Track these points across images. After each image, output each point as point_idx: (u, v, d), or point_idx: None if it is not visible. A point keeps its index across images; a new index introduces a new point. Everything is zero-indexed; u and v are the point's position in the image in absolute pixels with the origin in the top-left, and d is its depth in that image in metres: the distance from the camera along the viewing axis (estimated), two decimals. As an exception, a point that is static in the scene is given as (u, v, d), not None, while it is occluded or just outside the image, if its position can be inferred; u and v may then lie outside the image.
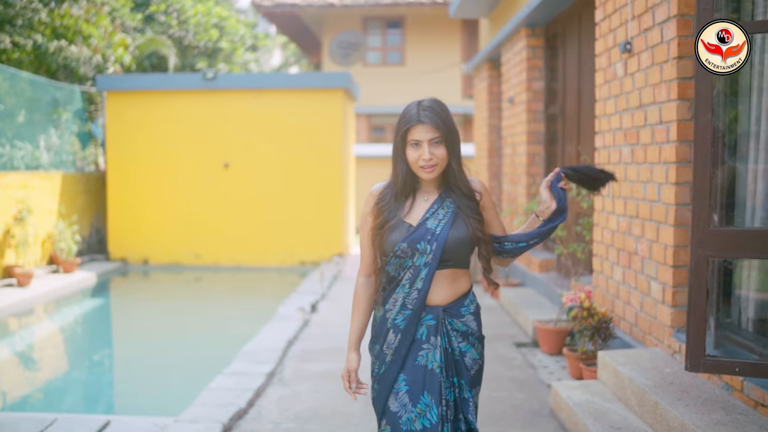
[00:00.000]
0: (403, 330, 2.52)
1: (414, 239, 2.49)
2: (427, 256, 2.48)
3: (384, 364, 2.56)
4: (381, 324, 2.60)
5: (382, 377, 2.56)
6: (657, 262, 4.64)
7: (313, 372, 5.56)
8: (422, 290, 2.50)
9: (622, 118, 5.25)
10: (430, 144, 2.47)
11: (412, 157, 2.49)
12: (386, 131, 24.17)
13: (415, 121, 2.47)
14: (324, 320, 7.45)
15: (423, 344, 2.52)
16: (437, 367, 2.49)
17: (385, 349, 2.56)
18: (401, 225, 2.53)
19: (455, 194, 2.55)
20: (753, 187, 4.03)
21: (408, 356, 2.52)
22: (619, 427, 3.81)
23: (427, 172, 2.50)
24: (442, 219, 2.51)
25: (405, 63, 23.00)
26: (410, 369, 2.51)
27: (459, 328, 2.55)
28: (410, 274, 2.51)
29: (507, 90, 9.85)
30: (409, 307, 2.51)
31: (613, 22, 5.38)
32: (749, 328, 4.07)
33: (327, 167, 11.78)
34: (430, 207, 2.54)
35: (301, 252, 11.86)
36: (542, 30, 8.59)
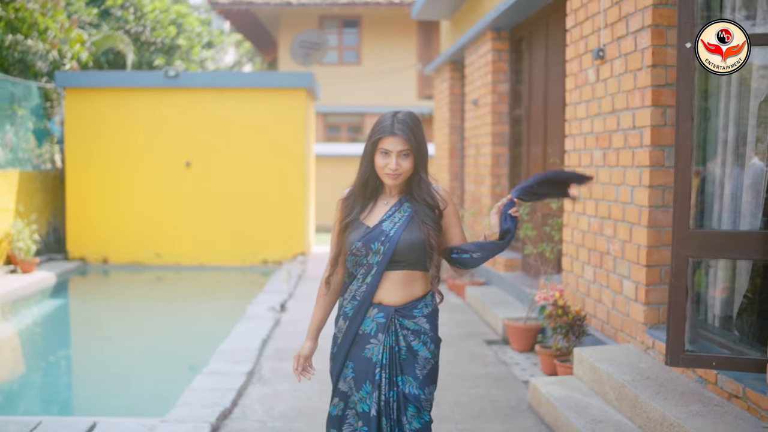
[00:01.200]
0: (351, 317, 2.74)
1: (369, 239, 2.68)
2: (379, 256, 2.67)
3: (336, 345, 2.79)
4: (338, 312, 2.85)
5: (335, 356, 2.81)
6: (630, 261, 4.82)
7: (290, 371, 5.60)
8: (370, 285, 2.70)
9: (594, 123, 5.43)
10: (398, 155, 2.64)
11: (380, 164, 2.67)
12: (341, 130, 24.22)
13: (388, 132, 2.64)
14: (294, 320, 7.49)
15: (371, 338, 2.70)
16: (377, 362, 2.66)
17: (337, 333, 2.80)
18: (360, 226, 2.73)
19: (416, 200, 2.71)
20: (720, 191, 4.22)
21: (355, 346, 2.72)
22: (600, 420, 3.97)
23: (391, 179, 2.68)
24: (398, 222, 2.69)
25: (361, 63, 23.08)
26: (357, 358, 2.72)
27: (410, 327, 2.70)
28: (364, 270, 2.72)
29: (471, 92, 10.02)
30: (357, 298, 2.73)
31: (584, 30, 5.56)
32: (716, 324, 4.27)
33: (289, 166, 11.80)
34: (389, 210, 2.73)
35: (264, 251, 11.85)
36: (507, 34, 8.77)
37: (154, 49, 14.81)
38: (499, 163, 9.02)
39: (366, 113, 23.50)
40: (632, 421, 3.89)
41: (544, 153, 7.64)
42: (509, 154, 8.98)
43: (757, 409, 3.44)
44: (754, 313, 4.61)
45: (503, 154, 9.00)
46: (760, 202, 3.93)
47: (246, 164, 11.68)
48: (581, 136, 5.68)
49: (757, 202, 3.92)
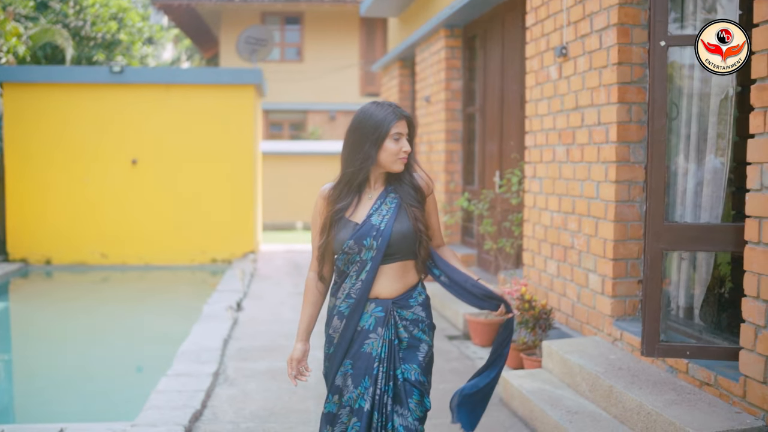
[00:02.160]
0: (347, 316, 2.71)
1: (360, 236, 2.66)
2: (373, 251, 2.66)
3: (332, 346, 2.75)
4: (331, 311, 2.79)
5: (331, 356, 2.77)
6: (596, 255, 4.91)
7: (256, 371, 5.54)
8: (365, 281, 2.68)
9: (556, 119, 5.51)
10: (404, 138, 2.69)
11: (394, 149, 2.65)
12: (284, 128, 24.04)
13: (398, 117, 2.66)
14: (252, 318, 7.41)
15: (370, 333, 2.69)
16: (377, 356, 2.65)
17: (331, 332, 2.75)
18: (347, 224, 2.70)
19: (401, 187, 2.72)
20: (683, 186, 4.33)
21: (354, 343, 2.70)
22: (575, 411, 4.03)
23: (402, 162, 2.68)
24: (386, 214, 2.68)
25: (303, 59, 22.96)
26: (356, 354, 2.69)
27: (408, 317, 2.71)
28: (357, 267, 2.69)
29: (422, 89, 10.06)
30: (352, 296, 2.70)
31: (546, 27, 5.64)
32: (680, 315, 4.40)
33: (239, 164, 11.64)
34: (374, 203, 2.71)
35: (213, 250, 11.67)
36: (461, 31, 8.84)
37: (94, 44, 14.41)
38: (453, 159, 9.09)
39: (308, 111, 23.39)
40: (607, 411, 3.97)
41: (500, 149, 7.73)
42: (462, 150, 9.05)
43: (729, 395, 3.55)
44: (717, 304, 4.76)
45: (457, 150, 9.07)
46: (720, 197, 4.06)
47: (194, 162, 11.47)
48: (543, 132, 5.77)
49: (717, 197, 4.05)
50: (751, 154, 3.37)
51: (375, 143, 2.65)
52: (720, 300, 4.75)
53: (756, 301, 3.34)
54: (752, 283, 3.37)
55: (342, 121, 23.52)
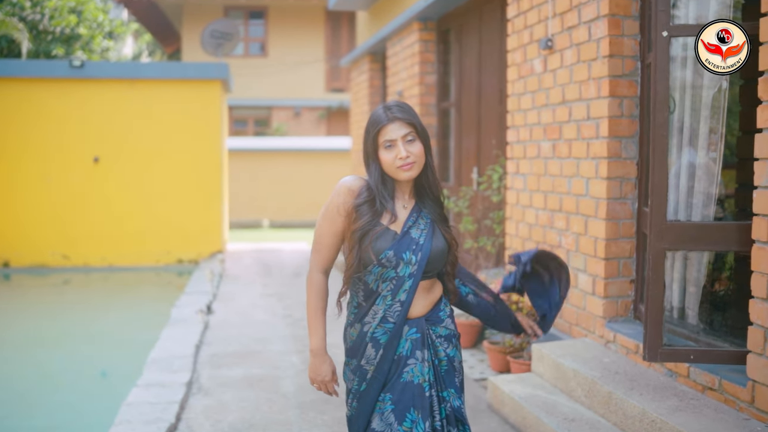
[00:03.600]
0: (385, 344, 2.39)
1: (400, 248, 2.38)
2: (412, 267, 2.38)
3: (364, 381, 2.42)
4: (359, 339, 2.45)
5: (362, 395, 2.42)
6: (585, 254, 4.76)
7: (231, 379, 5.28)
8: (405, 302, 2.39)
9: (541, 114, 5.34)
10: (404, 141, 2.36)
11: (388, 159, 2.36)
12: (248, 124, 23.68)
13: (386, 121, 2.36)
14: (223, 322, 7.13)
15: (408, 359, 2.40)
16: (424, 381, 2.38)
17: (364, 364, 2.41)
18: (386, 232, 2.39)
19: (427, 204, 2.46)
20: (676, 181, 4.19)
21: (391, 373, 2.40)
22: (572, 418, 3.86)
23: (405, 170, 2.36)
24: (424, 229, 2.43)
25: (268, 54, 22.62)
26: (396, 386, 2.38)
27: (442, 333, 2.47)
28: (392, 286, 2.39)
29: (394, 83, 9.85)
30: (390, 320, 2.39)
31: (529, 19, 5.47)
32: (674, 315, 4.25)
33: (205, 161, 11.32)
34: (410, 215, 2.44)
35: (179, 250, 11.33)
36: (434, 24, 8.64)
37: (53, 39, 13.89)
38: (427, 155, 8.88)
39: (273, 106, 23.07)
40: (606, 418, 3.81)
41: (477, 145, 7.56)
42: (437, 146, 8.86)
43: (735, 401, 3.41)
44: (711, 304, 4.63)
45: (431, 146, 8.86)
46: (713, 193, 3.93)
47: (159, 159, 11.12)
48: (526, 127, 5.60)
49: (709, 193, 3.91)
50: (758, 150, 3.23)
51: (373, 156, 2.40)
52: (714, 300, 4.63)
53: (765, 302, 3.20)
54: (761, 284, 3.22)
55: (307, 117, 23.24)
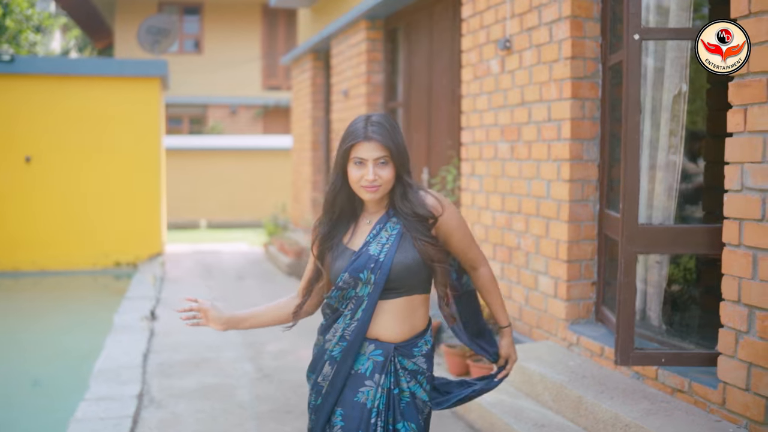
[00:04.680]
0: (339, 362, 2.32)
1: (356, 268, 2.27)
2: (370, 286, 2.27)
3: (320, 396, 2.37)
4: (319, 354, 2.40)
5: (318, 408, 2.37)
6: (547, 257, 4.74)
7: (184, 389, 5.09)
8: (361, 320, 2.29)
9: (498, 115, 5.31)
10: (375, 163, 2.24)
11: (354, 176, 2.26)
12: (183, 122, 23.15)
13: (362, 138, 2.24)
14: (169, 328, 6.89)
15: (366, 380, 2.30)
16: (373, 408, 2.28)
17: (320, 380, 2.37)
18: (344, 251, 2.32)
19: (404, 214, 2.31)
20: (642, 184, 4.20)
21: (346, 389, 2.32)
22: (542, 424, 3.83)
23: (369, 192, 2.26)
24: (386, 243, 2.29)
25: (203, 51, 22.15)
26: (348, 403, 2.30)
27: (408, 367, 2.33)
28: (352, 305, 2.30)
29: (339, 82, 9.73)
30: (347, 338, 2.31)
31: (485, 19, 5.42)
32: (636, 317, 4.27)
33: (143, 161, 10.98)
34: (372, 229, 2.32)
35: (116, 252, 10.95)
36: (382, 23, 8.56)
37: (-23, 32, 13.28)
38: (374, 156, 8.79)
39: (209, 104, 22.61)
40: (575, 423, 3.78)
41: (428, 145, 7.51)
42: (384, 146, 8.77)
43: (706, 403, 3.42)
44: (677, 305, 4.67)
45: (378, 146, 8.78)
46: (673, 196, 3.95)
47: (96, 159, 10.72)
48: (482, 128, 5.56)
49: (670, 195, 3.94)
50: (729, 154, 3.24)
51: (340, 166, 2.30)
52: (675, 301, 4.67)
53: (737, 305, 3.21)
54: (732, 287, 3.24)
55: (243, 116, 22.86)
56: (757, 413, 3.12)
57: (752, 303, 3.13)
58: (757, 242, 3.10)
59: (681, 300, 4.61)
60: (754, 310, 3.12)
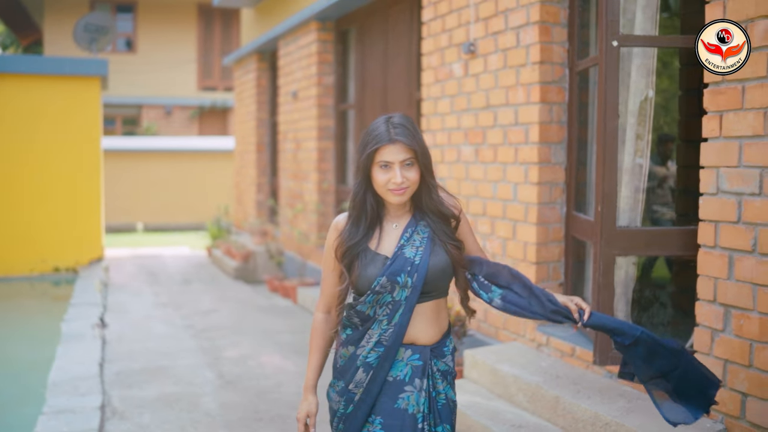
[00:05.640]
0: (375, 367, 2.28)
1: (393, 272, 2.25)
2: (407, 290, 2.26)
3: (351, 403, 2.32)
4: (349, 362, 2.34)
5: (348, 417, 2.32)
6: (514, 259, 4.79)
7: (146, 399, 4.95)
8: (400, 325, 2.27)
9: (461, 118, 5.35)
10: (401, 166, 2.23)
11: (381, 180, 2.24)
12: (116, 123, 22.56)
13: (386, 141, 2.22)
14: (122, 336, 6.70)
15: (405, 386, 2.28)
16: (418, 412, 2.27)
17: (352, 387, 2.32)
18: (375, 258, 2.29)
19: (429, 216, 2.34)
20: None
21: (383, 396, 2.29)
22: (519, 425, 3.87)
23: (396, 195, 2.25)
24: (420, 246, 2.29)
25: (137, 51, 21.64)
26: (388, 411, 2.27)
27: (441, 368, 2.35)
28: (389, 310, 2.28)
29: (288, 84, 9.64)
30: (383, 343, 2.28)
31: (448, 23, 5.45)
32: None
33: (82, 163, 10.63)
34: (403, 233, 2.31)
35: (55, 258, 10.56)
36: (333, 24, 8.51)
37: None
38: (325, 158, 8.76)
39: (143, 105, 22.10)
40: (553, 423, 3.83)
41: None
42: (335, 148, 8.75)
43: (681, 401, 3.51)
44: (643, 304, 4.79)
45: (329, 148, 8.75)
46: (639, 199, 4.05)
47: (32, 161, 10.32)
48: (444, 131, 5.59)
49: (636, 198, 4.03)
50: (704, 158, 3.33)
51: (363, 171, 2.27)
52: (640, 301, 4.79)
53: (712, 305, 3.31)
54: (707, 287, 3.34)
55: (178, 116, 22.45)
56: (733, 408, 3.23)
57: (728, 302, 3.23)
58: (732, 244, 3.20)
59: (647, 299, 4.73)
60: (730, 309, 3.23)
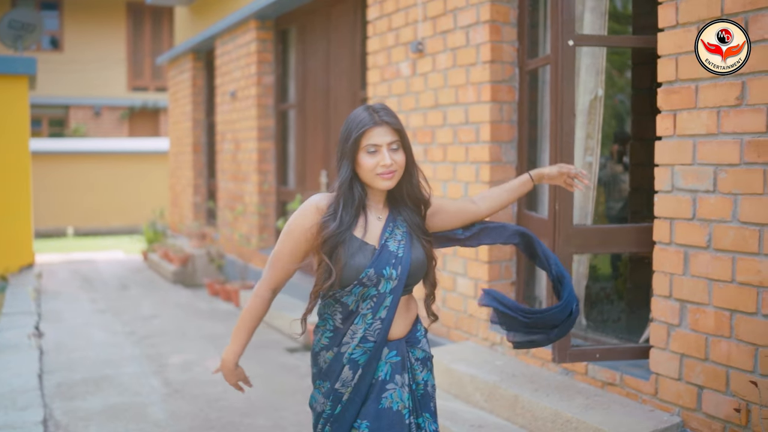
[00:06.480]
0: (364, 365, 2.22)
1: (380, 264, 2.21)
2: (392, 282, 2.22)
3: (339, 404, 2.25)
4: (334, 362, 2.26)
5: (337, 418, 2.25)
6: (465, 258, 4.80)
7: (90, 411, 4.76)
8: (386, 319, 2.23)
9: (410, 117, 5.33)
10: (389, 148, 2.21)
11: (369, 164, 2.20)
12: (43, 124, 21.81)
13: (371, 124, 2.20)
14: (60, 345, 6.44)
15: (387, 384, 2.24)
16: (403, 408, 2.24)
17: (339, 387, 2.24)
18: (364, 247, 2.23)
19: (404, 211, 2.32)
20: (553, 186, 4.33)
21: (369, 398, 2.24)
22: (479, 425, 3.86)
23: (385, 179, 2.22)
24: (401, 240, 2.27)
25: (64, 49, 20.98)
26: (373, 414, 2.22)
27: (419, 356, 2.34)
28: (373, 303, 2.22)
29: (226, 83, 9.47)
30: (370, 339, 2.22)
31: (395, 21, 5.42)
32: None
33: (10, 165, 10.18)
34: (386, 226, 2.28)
35: (-19, 266, 10.12)
36: (272, 23, 8.39)
37: None
38: (266, 158, 8.63)
39: (71, 105, 21.45)
40: (512, 422, 3.84)
41: (326, 148, 7.43)
42: (275, 149, 8.63)
43: (638, 394, 3.57)
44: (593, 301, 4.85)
45: (269, 149, 8.62)
46: (590, 196, 4.11)
47: (-45, 165, 9.87)
48: (393, 131, 5.55)
49: (586, 196, 4.09)
50: (659, 156, 3.39)
51: (349, 157, 2.22)
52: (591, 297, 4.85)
53: (668, 300, 3.37)
54: (663, 283, 3.39)
55: (108, 117, 21.86)
56: (689, 401, 3.29)
57: (684, 297, 3.29)
58: (688, 240, 3.26)
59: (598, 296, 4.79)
60: (686, 304, 3.29)
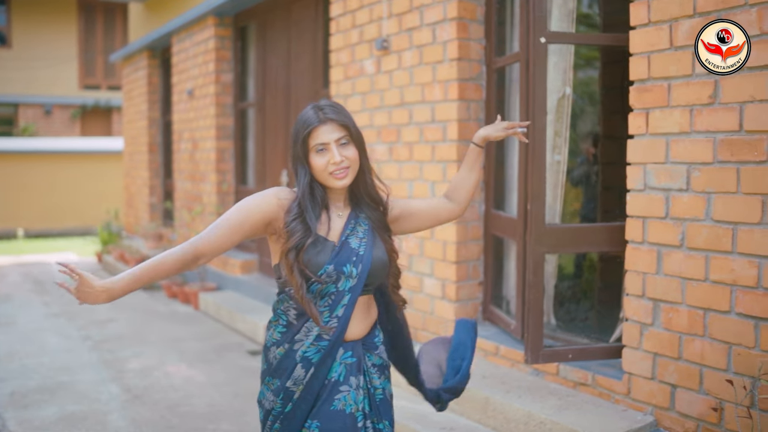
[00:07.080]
0: (317, 363, 2.15)
1: (340, 260, 2.15)
2: (352, 280, 2.16)
3: (290, 402, 2.17)
4: (285, 359, 2.18)
5: (287, 416, 2.17)
6: (432, 258, 4.74)
7: (46, 420, 4.57)
8: (342, 318, 2.16)
9: (374, 116, 5.25)
10: (337, 145, 2.16)
11: (320, 164, 2.15)
12: (-12, 124, 21.17)
13: (317, 122, 2.15)
14: (12, 351, 6.20)
15: (340, 386, 2.17)
16: (357, 411, 2.17)
17: (290, 385, 2.16)
18: (325, 244, 2.16)
19: (366, 208, 2.27)
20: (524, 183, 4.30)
21: (320, 398, 2.17)
22: (450, 428, 3.80)
23: (339, 179, 2.16)
24: (363, 238, 2.22)
25: (12, 46, 20.38)
26: (325, 415, 2.15)
27: (377, 363, 2.28)
28: (330, 301, 2.16)
29: (183, 81, 9.26)
30: (325, 338, 2.16)
31: (359, 18, 5.34)
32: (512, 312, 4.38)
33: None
34: (347, 223, 2.23)
35: (-73, 270, 9.76)
36: (231, 20, 8.24)
37: None
38: (224, 158, 8.46)
39: (20, 104, 20.86)
40: (483, 424, 3.79)
41: (286, 147, 7.30)
42: (234, 148, 8.47)
43: (610, 394, 3.55)
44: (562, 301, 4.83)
45: (228, 148, 8.46)
46: (558, 194, 4.09)
47: None
48: (357, 130, 5.46)
49: (555, 194, 4.06)
50: (631, 155, 3.37)
51: (302, 160, 2.17)
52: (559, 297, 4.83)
53: (641, 299, 3.35)
54: (636, 282, 3.37)
55: (59, 116, 21.32)
56: (662, 400, 3.27)
57: (657, 297, 3.27)
58: (661, 239, 3.24)
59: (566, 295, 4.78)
60: (659, 303, 3.27)
